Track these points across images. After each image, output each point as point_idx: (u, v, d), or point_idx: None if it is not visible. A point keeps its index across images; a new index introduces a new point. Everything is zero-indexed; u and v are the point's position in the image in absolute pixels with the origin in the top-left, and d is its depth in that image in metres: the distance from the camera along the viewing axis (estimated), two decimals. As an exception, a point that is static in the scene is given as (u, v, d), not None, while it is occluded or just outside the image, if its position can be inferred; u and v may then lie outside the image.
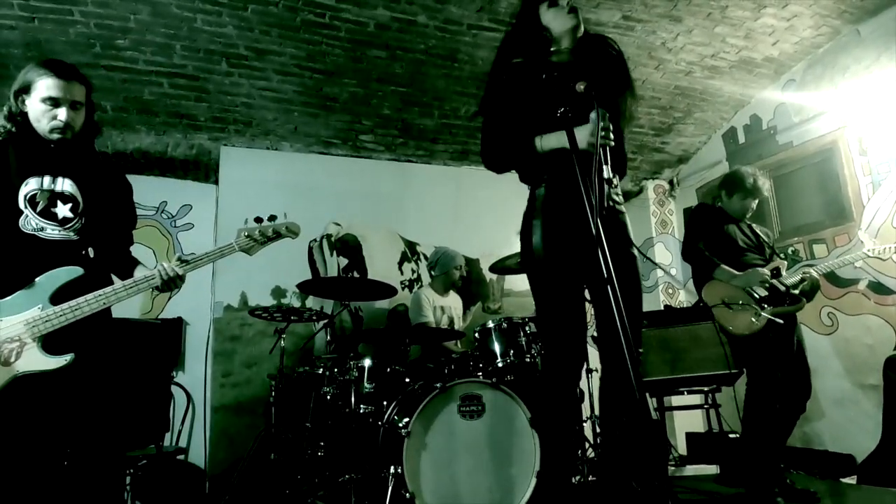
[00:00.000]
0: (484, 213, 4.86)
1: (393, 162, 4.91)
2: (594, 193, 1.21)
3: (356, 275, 4.43)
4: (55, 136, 1.89)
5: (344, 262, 4.48)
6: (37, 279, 1.81)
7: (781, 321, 2.85)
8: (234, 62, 3.79)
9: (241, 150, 4.50)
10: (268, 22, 3.54)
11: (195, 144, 4.40)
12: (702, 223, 3.14)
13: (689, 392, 3.95)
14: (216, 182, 4.55)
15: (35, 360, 1.75)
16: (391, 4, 3.53)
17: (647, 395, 3.79)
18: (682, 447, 4.42)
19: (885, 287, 3.71)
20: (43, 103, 1.86)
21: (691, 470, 3.92)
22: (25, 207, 1.85)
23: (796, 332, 3.01)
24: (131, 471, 3.34)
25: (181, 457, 3.89)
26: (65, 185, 1.94)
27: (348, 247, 4.52)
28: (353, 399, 3.08)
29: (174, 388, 4.07)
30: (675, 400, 4.27)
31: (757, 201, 3.15)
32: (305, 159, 4.65)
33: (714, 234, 3.09)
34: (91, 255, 2.01)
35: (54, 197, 1.91)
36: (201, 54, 3.69)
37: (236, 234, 2.03)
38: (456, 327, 3.97)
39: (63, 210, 1.91)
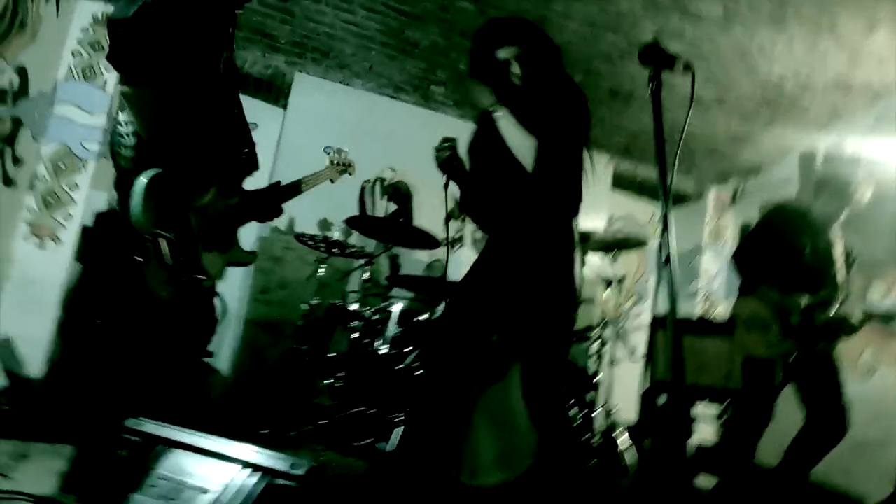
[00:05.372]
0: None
1: (460, 120, 4.88)
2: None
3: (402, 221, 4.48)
4: (239, 4, 1.76)
5: (393, 207, 4.53)
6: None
7: (796, 352, 2.76)
8: (325, -11, 3.80)
9: (315, 79, 4.54)
10: (365, -46, 3.53)
11: (271, 65, 4.46)
12: (770, 233, 2.94)
13: (710, 402, 3.92)
14: (284, 107, 4.62)
15: (238, 252, 1.83)
16: (491, -42, 3.47)
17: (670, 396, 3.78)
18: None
19: (936, 342, 3.56)
20: None
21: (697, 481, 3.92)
22: (225, 79, 1.73)
23: (833, 367, 2.86)
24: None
25: (207, 360, 4.08)
26: (235, 61, 1.82)
27: (399, 194, 4.56)
28: (378, 339, 3.17)
29: (211, 295, 4.25)
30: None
31: (848, 210, 2.92)
32: (374, 100, 4.67)
33: (781, 244, 2.88)
34: None
35: (233, 70, 1.79)
36: (294, -24, 3.71)
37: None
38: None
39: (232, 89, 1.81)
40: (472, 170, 1.98)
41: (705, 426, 4.43)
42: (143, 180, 1.57)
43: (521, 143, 1.84)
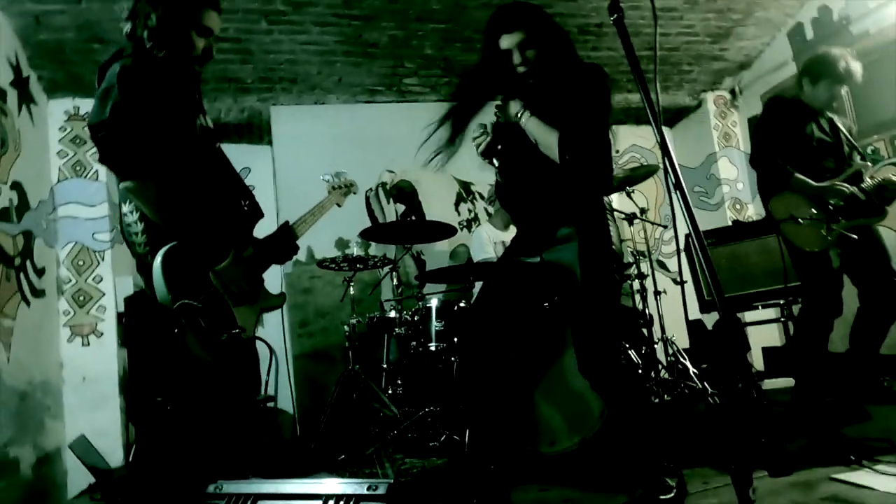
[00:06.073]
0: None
1: (439, 103, 4.82)
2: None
3: (414, 219, 4.48)
4: (196, 68, 1.80)
5: (401, 208, 4.54)
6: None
7: (856, 236, 2.66)
8: (273, 19, 3.79)
9: (290, 107, 4.55)
10: (300, -28, 3.51)
11: (246, 108, 4.49)
12: (776, 123, 2.84)
13: (764, 306, 3.84)
14: (270, 143, 4.64)
15: (268, 298, 1.90)
16: (422, -64, 3.41)
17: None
18: (758, 362, 4.35)
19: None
20: (195, 32, 1.74)
21: (770, 384, 3.87)
22: (204, 142, 1.78)
23: (875, 236, 2.80)
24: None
25: (271, 404, 4.16)
26: (209, 121, 1.84)
27: (404, 193, 4.56)
28: (424, 338, 3.19)
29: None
30: (749, 315, 4.18)
31: (846, 88, 2.83)
32: (352, 110, 4.67)
33: (790, 133, 2.80)
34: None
35: (210, 133, 1.83)
36: (240, 15, 3.70)
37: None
38: (518, 262, 3.98)
39: (215, 150, 1.85)
40: (505, 161, 1.99)
41: (767, 330, 4.36)
42: (157, 260, 1.63)
43: (547, 140, 1.82)
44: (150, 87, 1.64)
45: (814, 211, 2.71)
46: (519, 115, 1.89)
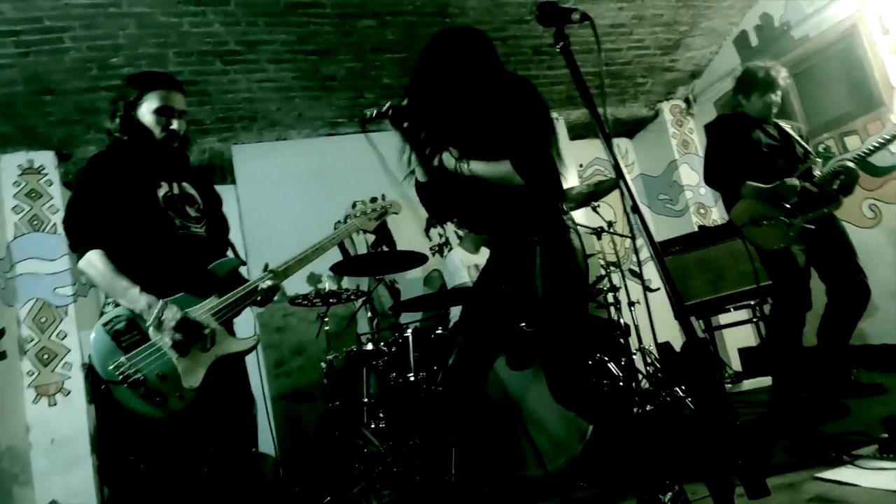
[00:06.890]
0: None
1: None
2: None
3: (385, 249, 4.45)
4: (170, 143, 1.97)
5: (371, 238, 4.50)
6: (208, 270, 1.93)
7: (813, 227, 2.72)
8: (228, 59, 3.78)
9: (252, 145, 4.52)
10: (252, 12, 3.51)
11: (206, 149, 4.45)
12: (720, 140, 2.95)
13: (736, 308, 3.91)
14: (234, 182, 4.59)
15: (228, 343, 1.89)
16: (371, -30, 3.45)
17: (693, 318, 3.77)
18: (735, 363, 4.40)
19: (927, 169, 3.56)
20: (156, 114, 1.94)
21: (748, 384, 3.91)
22: (167, 209, 1.92)
23: (840, 232, 2.87)
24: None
25: (252, 448, 4.04)
26: (186, 187, 2.02)
27: (373, 223, 4.53)
28: (403, 369, 3.15)
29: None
30: (723, 318, 4.24)
31: (779, 95, 2.91)
32: (315, 144, 4.66)
33: (737, 145, 2.89)
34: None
35: (183, 198, 1.99)
36: (194, 57, 3.69)
37: (345, 222, 2.27)
38: (492, 283, 3.97)
39: (192, 211, 1.99)
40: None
41: (742, 331, 4.42)
42: (92, 335, 1.72)
43: (499, 174, 1.82)
44: (98, 178, 1.86)
45: (769, 210, 2.77)
46: (459, 167, 1.89)
